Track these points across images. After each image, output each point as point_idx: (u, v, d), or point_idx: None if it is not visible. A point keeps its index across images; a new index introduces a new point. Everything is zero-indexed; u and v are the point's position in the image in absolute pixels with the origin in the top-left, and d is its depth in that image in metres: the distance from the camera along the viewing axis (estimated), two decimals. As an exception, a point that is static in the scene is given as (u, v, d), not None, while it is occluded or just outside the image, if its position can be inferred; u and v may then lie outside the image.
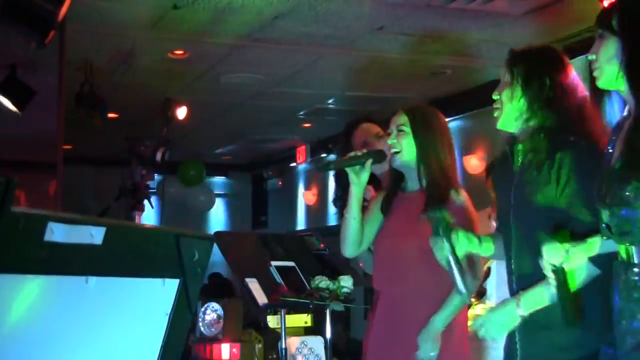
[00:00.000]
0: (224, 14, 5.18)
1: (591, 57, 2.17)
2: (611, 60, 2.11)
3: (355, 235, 3.14)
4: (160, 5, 5.04)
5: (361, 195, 3.10)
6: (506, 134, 2.56)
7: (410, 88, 7.15)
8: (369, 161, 3.05)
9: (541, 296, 2.32)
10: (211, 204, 10.94)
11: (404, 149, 3.08)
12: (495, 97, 2.53)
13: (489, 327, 2.41)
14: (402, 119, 3.10)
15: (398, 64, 6.46)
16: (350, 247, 3.19)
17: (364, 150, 3.10)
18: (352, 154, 3.12)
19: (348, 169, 3.07)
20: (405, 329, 3.05)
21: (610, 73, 2.13)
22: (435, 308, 3.02)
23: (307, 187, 10.48)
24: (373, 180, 3.30)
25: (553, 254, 2.15)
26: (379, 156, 3.11)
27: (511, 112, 2.49)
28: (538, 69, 2.48)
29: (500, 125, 2.52)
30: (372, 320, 3.29)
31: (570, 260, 2.14)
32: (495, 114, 2.53)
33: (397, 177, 3.19)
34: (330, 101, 7.85)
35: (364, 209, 3.21)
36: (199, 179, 10.34)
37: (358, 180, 3.05)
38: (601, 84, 2.16)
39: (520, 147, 2.49)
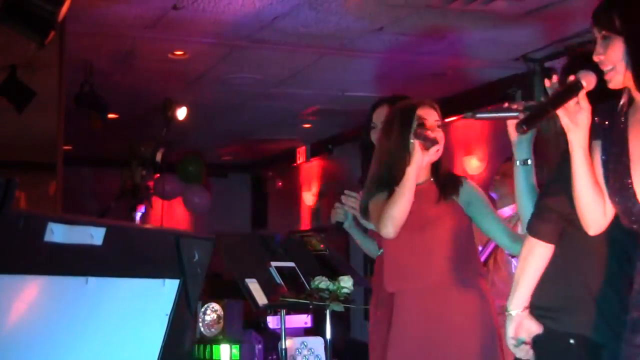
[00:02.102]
0: (224, 14, 5.18)
1: (598, 58, 2.12)
2: (622, 61, 2.08)
3: (404, 216, 2.99)
4: (160, 5, 5.04)
5: (416, 175, 3.01)
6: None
7: (410, 88, 7.13)
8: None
9: (524, 286, 2.33)
10: (206, 206, 10.91)
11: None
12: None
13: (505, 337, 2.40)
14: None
15: (398, 64, 6.46)
16: (398, 228, 2.99)
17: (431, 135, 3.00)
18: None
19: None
20: (442, 323, 2.99)
21: (623, 73, 2.09)
22: (454, 299, 2.97)
23: (307, 187, 10.47)
24: None
25: None
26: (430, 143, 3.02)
27: None
28: None
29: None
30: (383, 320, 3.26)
31: None
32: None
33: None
34: (330, 101, 7.85)
35: None
36: (198, 175, 10.32)
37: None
38: (614, 84, 2.11)
39: None
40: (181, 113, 7.13)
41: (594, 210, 2.15)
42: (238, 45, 5.92)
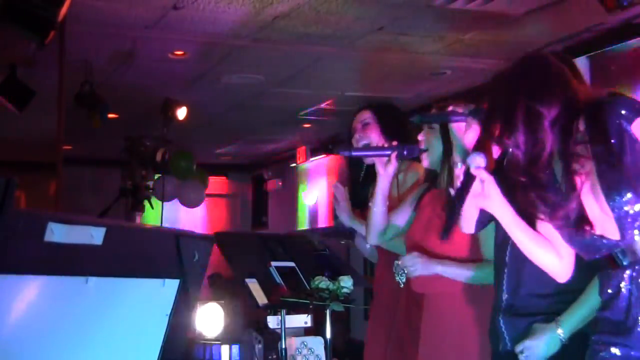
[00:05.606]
0: (224, 14, 5.18)
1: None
2: None
3: (379, 226, 3.15)
4: (160, 5, 5.04)
5: (386, 187, 3.05)
6: None
7: (410, 88, 7.15)
8: (394, 154, 2.97)
9: (581, 315, 2.30)
10: (200, 200, 10.85)
11: (433, 147, 2.97)
12: None
13: (531, 354, 2.35)
14: None
15: (398, 64, 6.45)
16: (372, 236, 3.20)
17: (394, 143, 3.02)
18: (380, 144, 3.10)
19: (376, 160, 3.03)
20: (435, 330, 2.94)
21: None
22: (464, 308, 2.88)
23: (307, 188, 10.47)
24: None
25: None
26: (409, 151, 3.01)
27: None
28: None
29: None
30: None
31: None
32: None
33: (431, 173, 3.10)
34: (330, 101, 7.84)
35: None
36: (191, 170, 10.27)
37: (384, 172, 3.00)
38: None
39: None
40: (181, 113, 7.13)
41: (550, 262, 2.15)
42: (238, 45, 5.92)
